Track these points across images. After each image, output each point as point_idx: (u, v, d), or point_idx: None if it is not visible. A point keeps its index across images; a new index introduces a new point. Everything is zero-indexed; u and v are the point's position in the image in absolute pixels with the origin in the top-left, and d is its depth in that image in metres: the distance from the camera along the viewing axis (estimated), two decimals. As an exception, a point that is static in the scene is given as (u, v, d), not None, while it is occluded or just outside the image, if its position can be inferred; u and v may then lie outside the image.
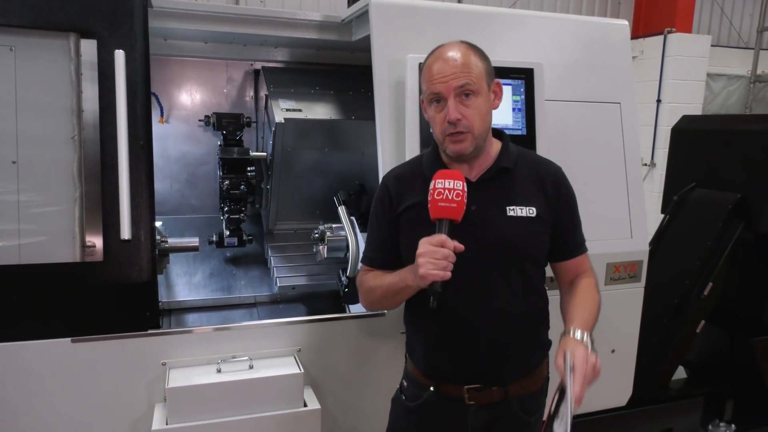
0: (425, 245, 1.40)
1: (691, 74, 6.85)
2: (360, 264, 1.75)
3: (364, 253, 1.73)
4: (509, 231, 1.53)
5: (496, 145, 1.61)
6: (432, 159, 1.60)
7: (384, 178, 1.70)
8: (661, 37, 6.82)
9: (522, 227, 1.54)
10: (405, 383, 1.73)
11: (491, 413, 1.60)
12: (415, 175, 1.60)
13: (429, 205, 1.45)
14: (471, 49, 1.52)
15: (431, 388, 1.63)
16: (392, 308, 1.76)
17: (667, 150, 3.62)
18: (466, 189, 1.45)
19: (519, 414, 1.61)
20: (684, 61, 6.80)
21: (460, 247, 1.41)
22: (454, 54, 1.48)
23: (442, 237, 1.40)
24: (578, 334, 1.47)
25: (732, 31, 8.27)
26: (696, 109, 6.87)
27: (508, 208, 1.54)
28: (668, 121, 6.61)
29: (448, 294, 1.44)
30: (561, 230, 1.61)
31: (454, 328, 1.57)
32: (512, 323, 1.57)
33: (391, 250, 1.63)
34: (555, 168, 1.64)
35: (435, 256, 1.38)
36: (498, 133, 1.65)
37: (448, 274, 1.39)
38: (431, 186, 1.45)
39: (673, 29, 6.81)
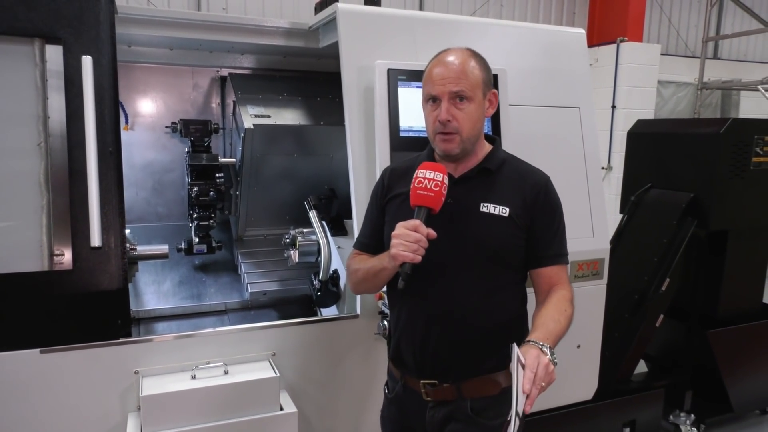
0: (400, 228, 1.49)
1: (643, 81, 7.14)
2: (352, 248, 1.82)
3: (357, 238, 1.82)
4: (479, 226, 1.58)
5: (486, 149, 1.68)
6: (426, 157, 1.69)
7: (383, 170, 1.80)
8: (614, 46, 7.08)
9: (493, 225, 1.58)
10: (388, 376, 1.81)
11: (446, 412, 1.64)
12: (409, 170, 1.65)
13: (410, 193, 1.53)
14: (472, 57, 1.59)
15: (399, 381, 1.71)
16: (372, 291, 1.87)
17: (623, 153, 3.76)
18: (446, 182, 1.51)
19: (473, 416, 1.61)
20: (636, 69, 7.07)
21: (433, 234, 1.48)
22: (454, 59, 1.57)
23: (416, 222, 1.47)
24: (536, 343, 1.41)
25: (679, 40, 8.66)
26: (648, 114, 7.15)
27: (482, 204, 1.59)
28: (623, 125, 6.85)
29: (416, 281, 1.51)
30: (536, 237, 1.62)
31: (416, 316, 1.64)
32: (470, 321, 1.59)
33: (380, 236, 1.72)
34: (540, 176, 1.68)
35: (407, 239, 1.45)
36: (492, 139, 1.73)
37: (419, 258, 1.46)
38: (414, 175, 1.53)
39: (625, 38, 7.08)
